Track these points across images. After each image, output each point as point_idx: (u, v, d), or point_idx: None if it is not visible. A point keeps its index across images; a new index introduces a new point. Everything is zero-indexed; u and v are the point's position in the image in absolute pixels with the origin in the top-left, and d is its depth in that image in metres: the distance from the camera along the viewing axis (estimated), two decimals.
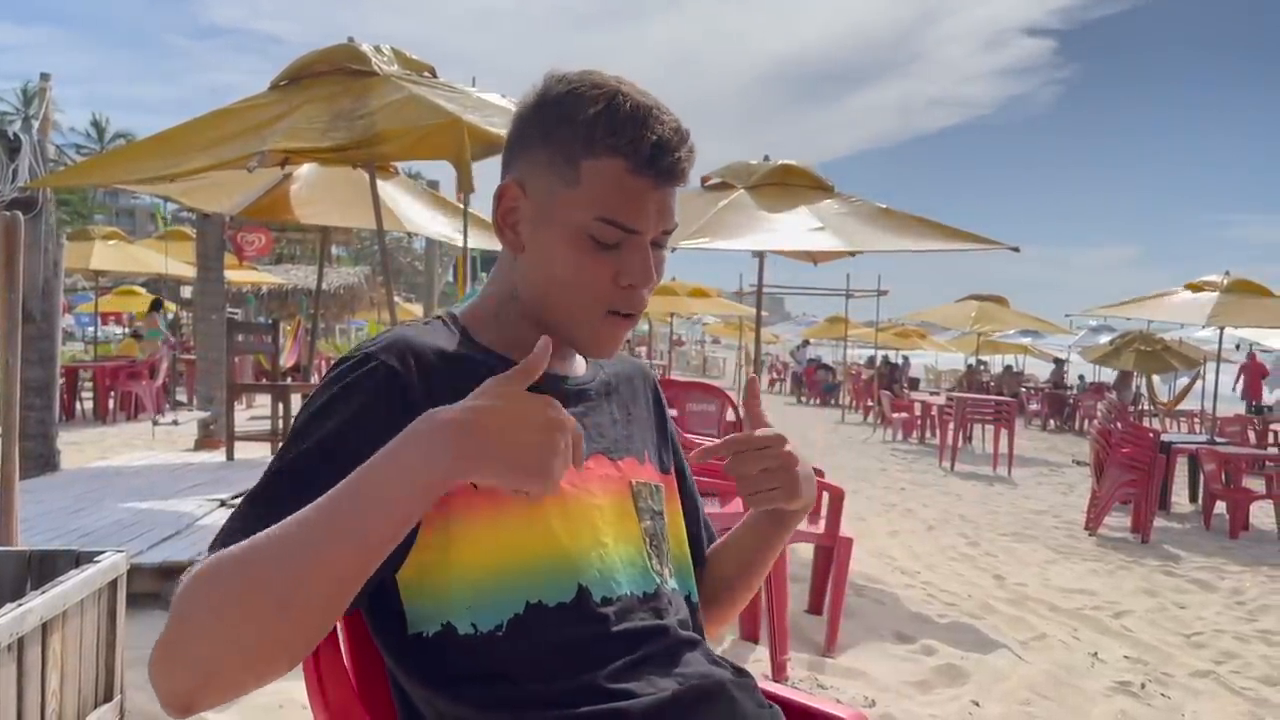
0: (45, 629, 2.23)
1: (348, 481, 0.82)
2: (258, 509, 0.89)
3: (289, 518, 0.82)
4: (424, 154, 4.94)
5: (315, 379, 11.15)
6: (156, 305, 14.51)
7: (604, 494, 1.09)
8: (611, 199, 1.02)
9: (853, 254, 6.49)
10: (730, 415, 6.26)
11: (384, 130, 4.54)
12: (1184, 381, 19.36)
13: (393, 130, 4.56)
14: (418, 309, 18.85)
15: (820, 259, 7.59)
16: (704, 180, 6.61)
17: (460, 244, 7.89)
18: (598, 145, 1.01)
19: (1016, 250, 6.00)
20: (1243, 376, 18.32)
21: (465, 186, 4.49)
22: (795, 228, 5.96)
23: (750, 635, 3.87)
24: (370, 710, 1.09)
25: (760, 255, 6.89)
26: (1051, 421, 20.04)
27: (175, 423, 8.40)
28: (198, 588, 0.81)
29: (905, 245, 6.03)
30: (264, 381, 10.90)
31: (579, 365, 1.19)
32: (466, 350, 1.07)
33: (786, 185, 6.28)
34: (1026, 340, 25.54)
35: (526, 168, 1.07)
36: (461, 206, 5.83)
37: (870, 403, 19.10)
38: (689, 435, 4.34)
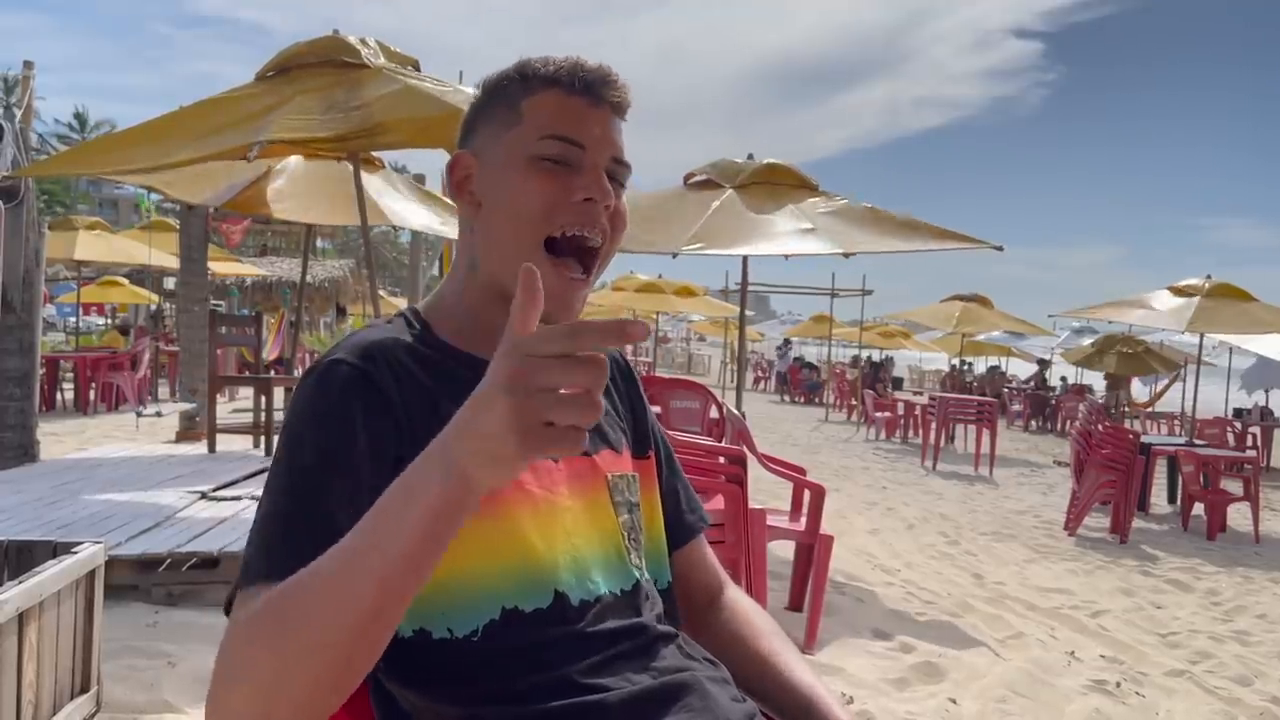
0: (22, 619, 2.22)
1: (363, 519, 0.79)
2: (269, 540, 0.89)
3: (316, 561, 0.80)
4: (421, 144, 4.99)
5: (298, 372, 11.11)
6: (343, 311, 14.75)
7: (576, 495, 1.08)
8: (553, 119, 1.06)
9: (846, 255, 6.46)
10: (714, 412, 6.27)
11: (384, 120, 4.57)
12: (1163, 383, 19.54)
13: (393, 120, 4.60)
14: (402, 302, 18.79)
15: (792, 254, 7.52)
16: (687, 177, 6.58)
17: (444, 236, 7.88)
18: (532, 82, 1.07)
19: (1000, 249, 6.02)
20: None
21: None
22: (788, 231, 5.92)
23: None
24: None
25: (744, 255, 6.87)
26: (1034, 422, 20.15)
27: (159, 414, 8.35)
28: (234, 640, 0.82)
29: (892, 245, 6.02)
30: (246, 374, 10.85)
31: None
32: (426, 345, 1.07)
33: (772, 185, 6.25)
34: (1009, 342, 25.66)
35: (474, 139, 1.11)
36: (448, 200, 5.82)
37: (854, 402, 19.16)
38: (671, 431, 4.35)
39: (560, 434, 0.70)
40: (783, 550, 4.94)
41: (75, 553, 2.56)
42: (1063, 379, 24.17)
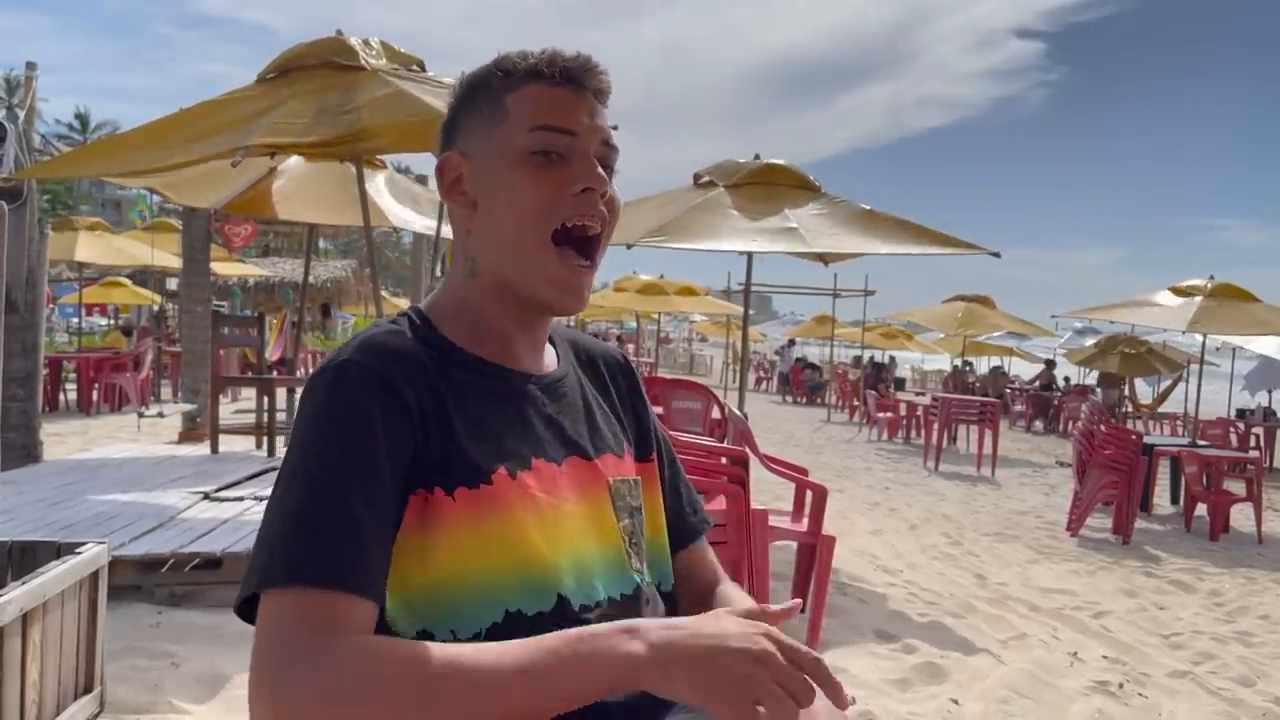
0: (25, 620, 2.22)
1: (539, 651, 0.87)
2: (299, 543, 0.90)
3: (474, 654, 0.86)
4: (409, 148, 4.97)
5: (300, 373, 11.12)
6: (326, 310, 14.59)
7: (579, 499, 1.09)
8: (538, 110, 1.06)
9: (824, 261, 6.40)
10: (716, 413, 6.27)
11: (369, 125, 4.53)
12: (1166, 384, 19.50)
13: (378, 125, 4.56)
14: (404, 303, 18.81)
15: (830, 260, 7.47)
16: (696, 177, 6.60)
17: (447, 238, 7.87)
18: (514, 78, 1.07)
19: (997, 255, 6.01)
20: None
21: None
22: (764, 230, 5.80)
23: None
24: None
25: (749, 254, 6.86)
26: (1036, 423, 20.13)
27: (162, 414, 8.36)
28: (370, 664, 0.84)
29: (882, 248, 5.94)
30: (249, 375, 10.86)
31: (549, 360, 1.18)
32: (434, 345, 1.07)
33: (770, 184, 6.19)
34: (1012, 342, 25.62)
35: (460, 138, 1.11)
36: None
37: (856, 403, 19.14)
38: (673, 432, 4.35)
39: (750, 715, 0.83)
40: (785, 551, 4.94)
41: (78, 553, 2.57)
42: (1065, 379, 24.15)
